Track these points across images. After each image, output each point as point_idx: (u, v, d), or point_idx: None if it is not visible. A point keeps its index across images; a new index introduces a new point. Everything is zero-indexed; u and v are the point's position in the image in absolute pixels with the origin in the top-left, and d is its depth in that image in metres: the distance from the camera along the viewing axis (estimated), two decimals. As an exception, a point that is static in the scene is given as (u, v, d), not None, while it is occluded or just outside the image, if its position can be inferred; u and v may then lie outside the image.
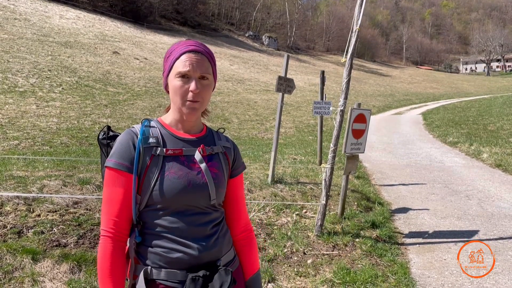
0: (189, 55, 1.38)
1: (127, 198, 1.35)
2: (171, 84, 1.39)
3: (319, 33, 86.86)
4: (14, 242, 3.56)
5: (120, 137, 1.40)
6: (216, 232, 1.45)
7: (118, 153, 1.36)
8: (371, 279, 3.73)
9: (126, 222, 1.36)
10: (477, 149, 11.14)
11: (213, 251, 1.41)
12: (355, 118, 5.07)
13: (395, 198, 6.77)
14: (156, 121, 1.47)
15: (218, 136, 1.56)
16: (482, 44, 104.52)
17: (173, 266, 1.35)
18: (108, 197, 1.36)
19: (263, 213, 5.05)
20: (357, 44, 4.57)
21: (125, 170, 1.35)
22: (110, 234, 1.33)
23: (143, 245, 1.38)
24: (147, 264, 1.36)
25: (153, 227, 1.37)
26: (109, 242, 1.32)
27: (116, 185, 1.35)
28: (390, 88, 50.30)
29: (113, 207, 1.34)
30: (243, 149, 10.24)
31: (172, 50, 1.44)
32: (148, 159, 1.36)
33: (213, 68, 1.45)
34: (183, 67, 1.36)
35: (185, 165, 1.40)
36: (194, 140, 1.47)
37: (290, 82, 6.52)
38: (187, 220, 1.38)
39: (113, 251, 1.32)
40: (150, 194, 1.35)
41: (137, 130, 1.41)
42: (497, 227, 5.31)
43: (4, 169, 5.63)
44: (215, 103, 20.54)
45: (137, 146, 1.36)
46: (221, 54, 44.10)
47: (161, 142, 1.40)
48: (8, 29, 24.34)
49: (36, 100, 13.72)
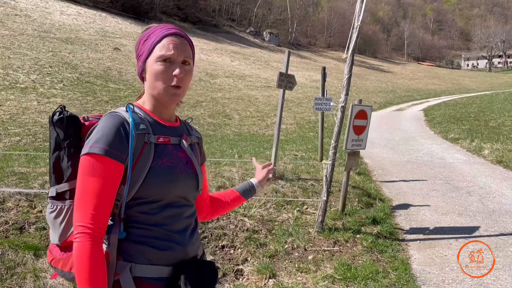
0: (171, 38, 1.30)
1: (110, 190, 1.21)
2: (151, 68, 1.29)
3: (320, 29, 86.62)
4: (16, 238, 3.58)
5: (106, 122, 1.25)
6: (197, 225, 1.43)
7: (106, 138, 1.21)
8: (372, 275, 3.74)
9: (105, 217, 1.22)
10: (479, 146, 11.12)
11: (196, 244, 1.40)
12: (356, 115, 5.07)
13: (396, 194, 6.77)
14: (137, 107, 1.35)
15: (190, 126, 1.52)
16: (484, 40, 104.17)
17: (160, 262, 1.27)
18: (86, 188, 1.19)
19: (264, 209, 5.06)
20: (359, 40, 4.56)
21: (114, 158, 1.21)
22: (88, 230, 1.17)
23: (126, 240, 1.26)
24: (132, 260, 1.25)
25: (139, 221, 1.26)
26: (88, 239, 1.17)
27: (98, 175, 1.19)
28: (391, 84, 50.19)
29: (93, 200, 1.19)
30: (244, 146, 10.24)
31: (149, 33, 1.33)
32: (140, 147, 1.25)
33: (193, 53, 1.38)
34: (166, 50, 1.27)
35: (174, 154, 1.34)
36: (175, 129, 1.40)
37: (291, 78, 6.51)
38: (176, 213, 1.32)
39: (92, 250, 1.17)
40: (141, 185, 1.24)
41: (124, 115, 1.28)
42: (498, 223, 5.31)
43: (5, 165, 5.64)
44: (216, 99, 20.53)
45: (130, 132, 1.24)
46: (222, 50, 44.01)
47: (150, 129, 1.30)
48: (9, 25, 24.31)
49: (37, 97, 13.72)
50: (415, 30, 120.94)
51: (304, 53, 66.59)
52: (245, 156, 8.17)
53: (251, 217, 4.77)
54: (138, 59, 1.36)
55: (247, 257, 4.02)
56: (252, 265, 3.86)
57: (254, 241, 4.28)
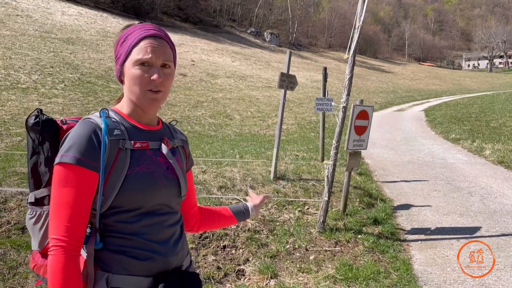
0: (149, 40, 1.23)
1: (85, 200, 1.16)
2: (129, 72, 1.24)
3: (321, 30, 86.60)
4: (18, 238, 3.59)
5: (78, 129, 1.19)
6: (181, 234, 1.36)
7: (77, 147, 1.15)
8: (373, 275, 3.74)
9: (81, 229, 1.17)
10: (480, 146, 11.11)
11: (180, 254, 1.33)
12: (357, 115, 5.07)
13: (397, 195, 6.77)
14: (113, 111, 1.29)
15: (174, 129, 1.45)
16: (485, 41, 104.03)
17: (140, 272, 1.21)
18: (60, 199, 1.14)
19: (265, 210, 5.07)
20: (360, 40, 4.56)
21: (87, 167, 1.15)
22: (63, 243, 1.13)
23: (104, 249, 1.21)
24: (109, 270, 1.20)
25: (117, 231, 1.21)
26: (62, 253, 1.12)
27: (72, 185, 1.14)
28: (392, 84, 50.16)
29: (67, 211, 1.14)
30: (245, 146, 10.25)
31: (127, 34, 1.27)
32: (115, 153, 1.19)
33: (174, 55, 1.31)
34: (144, 54, 1.21)
35: (153, 159, 1.27)
36: (156, 133, 1.33)
37: (293, 78, 6.51)
38: (157, 221, 1.25)
39: (66, 264, 1.12)
40: (117, 193, 1.18)
41: (97, 121, 1.22)
42: (499, 224, 5.31)
43: (7, 165, 5.65)
44: (217, 99, 20.54)
45: (103, 139, 1.18)
46: (223, 50, 44.02)
47: (126, 134, 1.24)
48: (10, 25, 24.34)
49: (39, 97, 13.74)
50: (416, 30, 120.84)
51: (304, 53, 66.57)
52: (246, 156, 8.17)
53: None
54: (116, 62, 1.31)
55: (248, 257, 4.02)
56: (253, 265, 3.86)
57: (255, 241, 4.28)
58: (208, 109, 17.92)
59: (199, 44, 41.79)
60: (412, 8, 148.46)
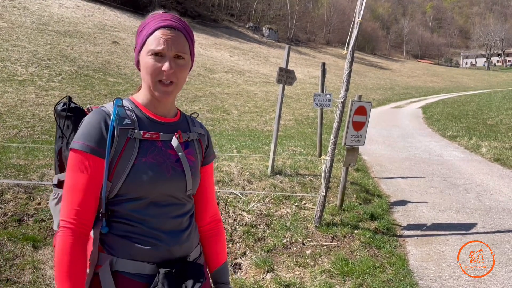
0: (163, 31, 1.23)
1: (94, 186, 1.20)
2: (143, 61, 1.26)
3: (319, 25, 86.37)
4: (15, 229, 3.58)
5: (89, 117, 1.24)
6: (189, 225, 1.36)
7: (87, 134, 1.20)
8: (370, 270, 3.76)
9: (90, 213, 1.21)
10: (476, 143, 11.16)
11: (185, 245, 1.33)
12: (355, 110, 5.08)
13: (394, 191, 6.79)
14: (128, 101, 1.32)
15: (192, 122, 1.44)
16: (483, 39, 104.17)
17: (143, 258, 1.24)
18: (71, 183, 1.20)
19: (262, 204, 5.08)
20: (358, 37, 4.56)
21: (94, 154, 1.20)
22: (71, 225, 1.17)
23: (110, 233, 1.25)
24: (114, 254, 1.23)
25: (123, 217, 1.25)
26: (69, 234, 1.16)
27: (82, 171, 1.19)
28: (390, 81, 50.19)
29: (77, 195, 1.19)
30: (242, 141, 10.25)
31: (145, 23, 1.28)
32: (123, 142, 1.22)
33: (190, 46, 1.30)
34: (156, 44, 1.22)
35: (162, 151, 1.28)
36: (170, 125, 1.34)
37: (291, 73, 6.50)
38: (162, 211, 1.27)
39: (73, 245, 1.16)
40: (124, 181, 1.21)
41: (109, 110, 1.26)
42: (495, 221, 5.34)
43: (4, 157, 5.63)
44: (215, 94, 20.50)
45: (110, 127, 1.21)
46: (221, 45, 43.90)
47: (137, 124, 1.26)
48: (7, 17, 24.16)
49: (35, 89, 13.67)
50: (415, 27, 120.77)
51: (303, 49, 66.46)
52: (243, 151, 8.18)
53: (250, 211, 4.78)
54: (134, 50, 1.34)
55: (245, 251, 4.03)
56: (250, 259, 3.87)
57: (252, 235, 4.29)
58: (206, 103, 17.88)
59: (197, 38, 41.55)
60: (411, 5, 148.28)
